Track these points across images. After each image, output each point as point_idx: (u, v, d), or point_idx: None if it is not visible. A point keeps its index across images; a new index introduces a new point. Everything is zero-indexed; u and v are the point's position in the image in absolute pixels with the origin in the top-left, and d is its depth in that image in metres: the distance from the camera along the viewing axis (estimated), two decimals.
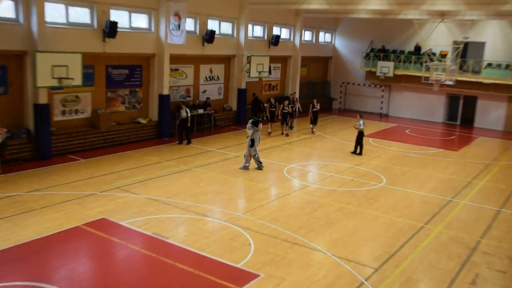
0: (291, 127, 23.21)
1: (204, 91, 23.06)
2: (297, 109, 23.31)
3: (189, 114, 18.92)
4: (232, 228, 10.78)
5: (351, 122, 25.92)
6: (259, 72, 23.69)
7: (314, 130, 22.75)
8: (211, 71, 23.31)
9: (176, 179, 14.47)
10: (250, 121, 15.86)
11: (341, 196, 13.70)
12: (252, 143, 15.69)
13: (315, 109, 22.50)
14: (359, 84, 31.86)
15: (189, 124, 19.02)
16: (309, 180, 15.56)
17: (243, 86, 24.37)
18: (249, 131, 15.73)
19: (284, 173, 15.80)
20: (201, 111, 21.30)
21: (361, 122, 18.72)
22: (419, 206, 13.23)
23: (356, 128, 18.94)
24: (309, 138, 21.91)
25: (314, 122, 22.67)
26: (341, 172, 16.26)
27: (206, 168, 15.81)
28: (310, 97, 31.02)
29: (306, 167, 17.10)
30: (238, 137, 21.01)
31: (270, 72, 26.12)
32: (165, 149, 18.30)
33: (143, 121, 19.62)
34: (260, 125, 15.81)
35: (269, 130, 21.96)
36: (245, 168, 15.86)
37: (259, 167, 15.88)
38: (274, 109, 22.17)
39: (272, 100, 22.51)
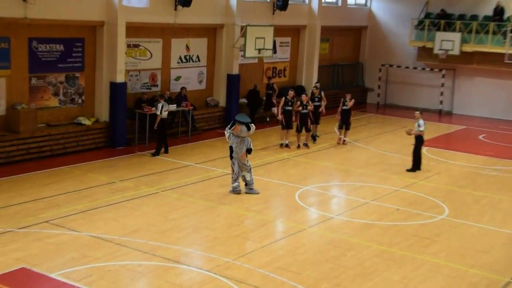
0: (314, 138, 22.30)
1: (178, 78, 23.15)
2: (323, 109, 22.44)
3: (158, 112, 18.96)
4: (218, 281, 10.73)
5: (396, 124, 26.04)
6: (259, 50, 23.75)
7: (345, 138, 22.24)
8: (188, 48, 23.41)
9: (135, 208, 14.44)
10: (232, 122, 16.05)
11: (382, 234, 13.67)
12: (231, 153, 15.82)
13: (345, 107, 21.63)
14: (407, 67, 31.99)
15: (155, 126, 19.09)
16: (333, 209, 15.55)
17: (235, 71, 24.45)
18: (227, 133, 15.94)
19: (296, 199, 15.80)
20: (173, 107, 21.19)
21: (421, 122, 18.73)
22: (503, 251, 13.18)
23: (411, 134, 18.92)
24: (333, 148, 21.95)
25: (344, 126, 21.96)
26: (381, 198, 16.26)
27: (180, 192, 15.82)
28: (334, 87, 31.24)
29: (328, 190, 17.11)
30: (228, 145, 20.92)
31: (275, 51, 26.16)
32: (119, 164, 18.35)
33: (86, 122, 19.64)
34: (242, 128, 15.59)
35: (282, 142, 21.26)
36: (236, 191, 15.88)
37: (249, 189, 15.83)
38: (290, 108, 20.97)
39: (290, 94, 21.08)
